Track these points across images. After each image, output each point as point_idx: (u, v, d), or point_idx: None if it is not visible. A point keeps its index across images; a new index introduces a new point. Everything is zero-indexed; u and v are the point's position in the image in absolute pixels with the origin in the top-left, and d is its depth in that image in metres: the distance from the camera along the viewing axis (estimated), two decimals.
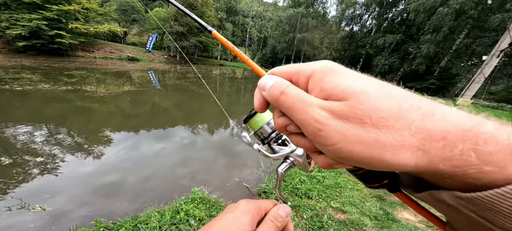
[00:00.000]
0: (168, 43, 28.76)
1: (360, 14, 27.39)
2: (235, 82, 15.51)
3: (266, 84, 0.20)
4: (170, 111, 5.96)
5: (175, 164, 3.11)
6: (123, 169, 2.82)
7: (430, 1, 18.93)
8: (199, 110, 6.49)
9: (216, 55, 38.28)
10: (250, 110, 0.30)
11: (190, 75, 15.13)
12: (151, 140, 3.81)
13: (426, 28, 19.53)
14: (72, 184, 2.39)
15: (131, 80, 10.20)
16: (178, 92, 8.71)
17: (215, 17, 28.73)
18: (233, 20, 36.02)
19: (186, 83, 11.11)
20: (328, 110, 0.16)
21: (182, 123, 4.86)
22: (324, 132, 0.15)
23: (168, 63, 24.75)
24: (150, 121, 4.89)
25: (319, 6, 30.35)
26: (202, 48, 28.45)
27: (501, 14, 14.94)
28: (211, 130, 4.76)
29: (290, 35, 30.62)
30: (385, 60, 23.68)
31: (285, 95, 0.18)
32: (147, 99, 7.01)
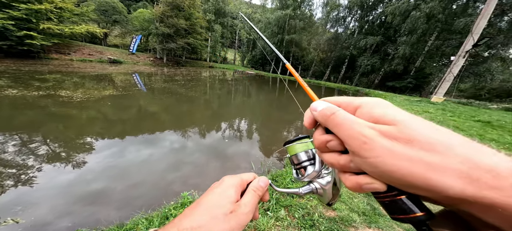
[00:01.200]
0: (154, 44, 27.70)
1: (343, 16, 28.62)
2: (225, 84, 15.37)
3: (318, 106, 0.23)
4: (158, 115, 5.74)
5: (165, 170, 3.01)
6: (108, 177, 2.67)
7: (404, 5, 20.45)
8: (189, 113, 6.33)
9: (205, 57, 37.65)
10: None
11: (179, 78, 14.71)
12: (138, 146, 3.64)
13: (402, 30, 21.04)
14: (51, 194, 2.23)
15: (114, 84, 9.65)
16: (166, 95, 8.42)
17: (203, 19, 28.28)
18: (222, 22, 35.76)
19: (174, 86, 10.78)
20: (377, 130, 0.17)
21: (171, 127, 4.70)
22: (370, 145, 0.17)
23: (154, 66, 23.81)
24: (137, 126, 4.67)
25: (305, 8, 31.22)
26: (190, 50, 27.83)
27: (465, 18, 16.57)
28: (202, 133, 4.67)
29: (279, 37, 31.10)
30: (368, 60, 25.01)
31: (336, 115, 0.20)
32: (132, 103, 6.68)
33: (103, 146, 3.50)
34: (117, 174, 2.76)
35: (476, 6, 17.85)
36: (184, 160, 3.38)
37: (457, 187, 0.13)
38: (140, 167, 2.98)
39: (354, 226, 1.62)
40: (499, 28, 17.13)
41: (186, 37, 25.52)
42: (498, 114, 9.09)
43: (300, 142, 0.33)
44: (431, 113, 7.58)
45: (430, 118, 6.57)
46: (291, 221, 1.70)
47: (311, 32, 31.97)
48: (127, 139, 3.88)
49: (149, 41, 29.58)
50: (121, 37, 29.96)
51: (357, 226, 1.61)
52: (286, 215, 1.80)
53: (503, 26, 17.03)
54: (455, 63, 12.14)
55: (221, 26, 35.26)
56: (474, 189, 0.13)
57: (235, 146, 4.16)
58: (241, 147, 4.15)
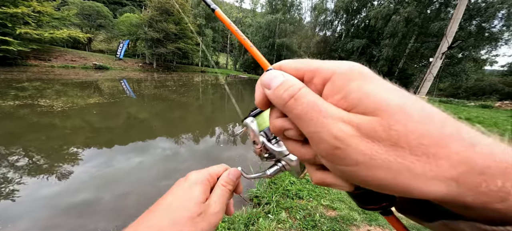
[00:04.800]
0: (142, 50, 26.97)
1: (331, 20, 29.83)
2: (218, 88, 15.25)
3: (272, 81, 0.17)
4: (149, 122, 5.55)
5: (157, 178, 2.90)
6: (97, 187, 2.54)
7: (385, 9, 21.81)
8: (181, 119, 6.18)
9: (196, 61, 37.25)
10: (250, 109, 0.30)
11: (170, 83, 14.37)
12: (128, 154, 3.49)
13: (384, 33, 22.31)
14: (35, 206, 2.09)
15: (100, 91, 9.22)
16: (157, 102, 8.18)
17: (193, 24, 28.08)
18: (213, 26, 35.74)
19: (165, 92, 10.51)
20: (354, 125, 0.13)
21: (163, 134, 4.55)
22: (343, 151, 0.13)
23: (143, 71, 23.12)
24: (126, 134, 4.47)
25: (295, 12, 32.13)
26: (181, 54, 27.42)
27: (439, 22, 17.94)
28: (196, 139, 4.57)
29: (270, 40, 31.63)
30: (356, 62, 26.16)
31: (296, 101, 0.15)
32: (121, 110, 6.40)
33: (90, 156, 3.32)
34: (106, 184, 2.63)
35: (448, 11, 19.42)
36: (177, 167, 3.28)
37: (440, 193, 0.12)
38: (131, 176, 2.86)
39: (355, 224, 1.65)
40: (470, 31, 18.73)
41: (176, 41, 25.14)
42: (476, 111, 9.82)
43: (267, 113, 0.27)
44: None
45: None
46: (292, 222, 1.70)
47: (301, 35, 32.88)
48: (116, 148, 3.71)
49: (137, 46, 28.76)
50: (106, 42, 28.87)
51: (358, 225, 1.64)
52: (287, 217, 1.80)
53: (472, 29, 18.67)
54: (433, 64, 13.01)
55: (212, 30, 35.23)
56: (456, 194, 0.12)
57: (230, 151, 4.11)
58: (237, 151, 4.11)
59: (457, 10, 11.65)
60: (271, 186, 2.40)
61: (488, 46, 19.78)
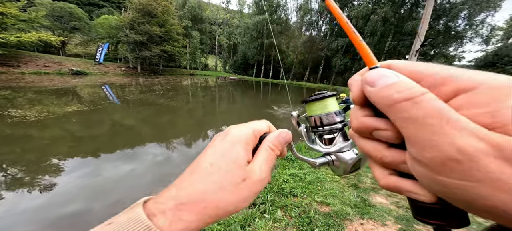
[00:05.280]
0: (125, 53, 25.67)
1: (316, 20, 30.76)
2: (208, 91, 15.01)
3: (379, 80, 0.15)
4: (137, 128, 5.32)
5: (152, 183, 2.82)
6: (87, 197, 2.45)
7: (364, 10, 23.14)
8: (171, 124, 6.01)
9: (184, 64, 36.26)
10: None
11: (157, 87, 13.86)
12: (116, 163, 3.35)
13: (365, 32, 23.56)
14: (17, 221, 1.99)
15: (80, 98, 8.63)
16: (144, 107, 7.85)
17: (179, 26, 27.31)
18: (200, 28, 35.08)
19: (152, 97, 10.12)
20: (494, 145, 0.11)
21: (153, 140, 4.40)
22: (463, 166, 0.11)
23: (127, 76, 22.02)
24: (112, 142, 4.25)
25: (281, 13, 32.64)
26: (168, 57, 26.51)
27: (411, 21, 19.37)
28: (188, 144, 4.48)
29: (258, 41, 31.80)
30: (340, 60, 27.22)
31: (416, 104, 0.13)
32: (105, 118, 6.06)
33: (74, 166, 3.15)
34: (96, 193, 2.53)
35: (418, 11, 21.04)
36: (171, 172, 3.20)
37: None
38: (122, 184, 2.77)
39: (348, 219, 1.72)
40: (438, 30, 20.51)
41: (161, 44, 24.25)
42: None
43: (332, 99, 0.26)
44: None
45: None
46: (288, 221, 1.74)
47: (288, 35, 33.48)
48: (102, 157, 3.53)
49: (118, 49, 27.30)
50: (83, 45, 27.02)
51: (351, 219, 1.71)
52: (283, 216, 1.84)
53: (441, 28, 20.46)
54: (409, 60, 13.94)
55: (200, 32, 34.58)
56: None
57: None
58: None
59: (426, 10, 12.67)
60: (267, 185, 2.45)
61: (455, 43, 21.82)
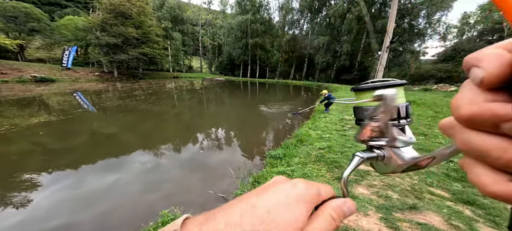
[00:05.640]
0: (97, 57, 23.68)
1: (297, 19, 31.73)
2: (195, 93, 14.55)
3: None
4: (120, 137, 4.95)
5: (143, 191, 2.67)
6: (70, 209, 2.28)
7: (341, 9, 24.48)
8: (157, 129, 5.71)
9: (167, 67, 34.64)
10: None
11: (138, 93, 13.02)
12: (100, 173, 3.12)
13: (342, 31, 24.99)
14: None
15: (48, 108, 7.75)
16: (125, 114, 7.34)
17: (158, 27, 26.00)
18: (181, 29, 33.84)
19: (133, 102, 9.49)
20: None
21: (138, 148, 4.14)
22: None
23: (102, 81, 20.33)
24: (92, 152, 3.92)
25: (264, 12, 32.98)
26: (148, 60, 25.06)
27: (381, 20, 21.14)
28: (177, 149, 4.31)
29: (243, 41, 31.73)
30: (322, 58, 28.47)
31: None
32: (80, 127, 5.54)
33: (52, 179, 2.88)
34: (83, 205, 2.36)
35: (386, 10, 23.02)
36: (159, 178, 3.05)
37: None
38: (110, 194, 2.60)
39: None
40: (404, 28, 22.65)
41: (139, 47, 22.82)
42: (419, 94, 11.93)
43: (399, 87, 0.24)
44: None
45: None
46: None
47: (272, 34, 33.99)
48: (83, 168, 3.26)
49: (89, 53, 25.04)
50: (46, 49, 24.17)
51: None
52: None
53: (406, 26, 22.63)
54: (382, 57, 15.25)
55: (181, 33, 33.35)
56: None
57: (215, 156, 4.02)
58: (223, 155, 4.04)
59: (391, 9, 13.95)
60: (254, 185, 2.42)
61: (419, 40, 24.34)
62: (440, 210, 1.72)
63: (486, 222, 1.60)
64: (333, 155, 2.89)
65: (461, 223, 1.60)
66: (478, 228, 1.56)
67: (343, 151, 3.03)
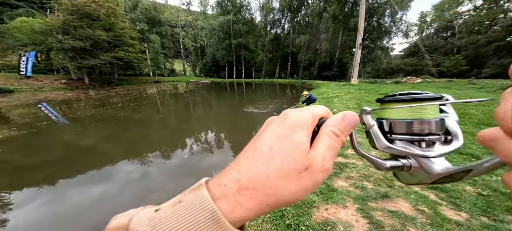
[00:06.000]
0: (62, 62, 21.45)
1: (279, 18, 32.33)
2: (180, 98, 14.01)
3: None
4: (99, 147, 4.62)
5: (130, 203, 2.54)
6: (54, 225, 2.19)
7: (317, 8, 25.63)
8: (140, 137, 5.43)
9: (146, 71, 32.67)
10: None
11: (116, 100, 12.13)
12: (83, 187, 2.96)
13: (321, 29, 26.19)
14: None
15: (8, 121, 6.87)
16: (103, 123, 6.82)
17: (132, 29, 24.37)
18: (159, 31, 32.19)
19: (111, 111, 8.83)
20: None
21: (122, 157, 3.94)
22: None
23: (71, 90, 18.51)
24: (70, 165, 3.67)
25: (245, 12, 32.93)
26: (124, 65, 23.36)
27: (354, 19, 22.67)
28: (165, 155, 4.17)
29: (226, 42, 31.32)
30: (304, 56, 29.52)
31: None
32: (51, 141, 5.05)
33: (27, 197, 2.69)
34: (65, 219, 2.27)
35: (357, 9, 24.76)
36: (150, 187, 2.95)
37: None
38: (97, 206, 2.51)
39: (315, 206, 1.85)
40: (373, 26, 24.56)
41: (112, 50, 21.13)
42: (391, 87, 13.07)
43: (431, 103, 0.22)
44: (352, 92, 9.96)
45: (353, 96, 8.63)
46: (263, 217, 1.77)
47: (255, 34, 34.12)
48: (62, 182, 3.07)
49: (52, 58, 22.50)
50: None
51: (318, 206, 1.85)
52: None
53: (375, 25, 24.56)
54: (356, 54, 16.35)
55: (160, 35, 31.73)
56: None
57: (206, 160, 3.99)
58: (208, 160, 4.03)
59: (361, 8, 15.12)
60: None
61: (386, 37, 26.62)
62: (408, 196, 1.89)
63: (449, 205, 1.77)
64: None
65: (427, 208, 1.72)
66: (442, 210, 1.69)
67: None
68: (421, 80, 18.96)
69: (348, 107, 6.25)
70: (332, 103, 7.31)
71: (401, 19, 24.84)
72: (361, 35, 15.13)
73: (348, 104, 6.87)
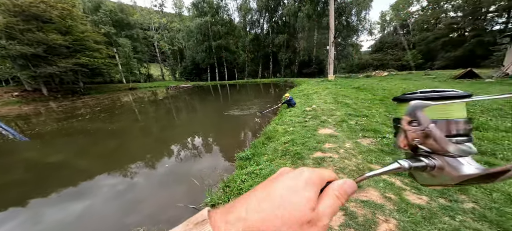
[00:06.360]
0: (11, 72, 18.67)
1: (257, 19, 32.63)
2: (160, 104, 13.20)
3: None
4: (72, 163, 4.15)
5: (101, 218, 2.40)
6: None
7: (292, 8, 26.60)
8: (118, 149, 5.02)
9: (118, 77, 29.99)
10: None
11: (85, 111, 10.94)
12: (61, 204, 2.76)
13: (297, 28, 27.26)
14: None
15: None
16: (72, 138, 6.13)
17: (96, 32, 22.13)
18: (130, 34, 29.85)
19: (79, 123, 7.95)
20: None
21: (101, 171, 3.61)
22: None
23: (27, 103, 16.10)
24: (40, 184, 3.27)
25: (223, 13, 32.45)
26: (89, 72, 21.09)
27: (326, 18, 24.16)
28: (150, 164, 3.93)
29: (205, 44, 30.48)
30: (285, 55, 30.39)
31: None
32: (11, 160, 4.40)
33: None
34: None
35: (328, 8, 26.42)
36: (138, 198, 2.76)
37: None
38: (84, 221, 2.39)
39: None
40: (343, 25, 26.48)
41: (73, 56, 18.88)
42: (363, 80, 14.24)
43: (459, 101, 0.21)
44: (330, 88, 10.60)
45: (330, 91, 9.20)
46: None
47: (235, 35, 33.88)
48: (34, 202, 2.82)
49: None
50: None
51: None
52: None
53: (344, 23, 26.49)
54: (330, 51, 17.45)
55: (130, 39, 29.45)
56: None
57: (196, 165, 3.87)
58: (204, 164, 3.92)
59: (330, 7, 16.23)
60: (225, 190, 2.40)
61: (355, 35, 28.91)
62: (377, 184, 2.01)
63: (412, 190, 1.88)
64: (296, 148, 3.07)
65: (393, 194, 1.83)
66: (406, 196, 1.81)
67: (304, 142, 3.23)
68: (387, 73, 21.09)
69: (325, 102, 6.62)
70: (311, 99, 7.67)
71: (365, 18, 27.15)
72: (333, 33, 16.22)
73: (325, 99, 7.29)
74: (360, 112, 4.97)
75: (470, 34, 27.93)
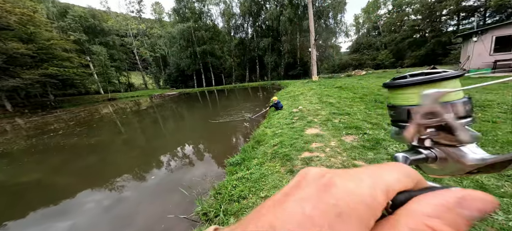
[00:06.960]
0: None
1: (241, 23, 33.02)
2: (145, 114, 12.53)
3: None
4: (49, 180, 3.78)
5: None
6: None
7: (275, 12, 27.55)
8: (100, 163, 4.69)
9: (94, 88, 27.95)
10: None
11: (58, 126, 10.01)
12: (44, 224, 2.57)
13: (280, 32, 28.21)
14: None
15: None
16: (46, 154, 5.57)
17: (64, 40, 20.52)
18: (105, 41, 28.17)
19: (53, 139, 7.25)
20: None
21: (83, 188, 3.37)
22: None
23: None
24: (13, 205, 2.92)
25: (206, 19, 32.27)
26: (60, 83, 19.37)
27: (306, 21, 25.37)
28: (138, 177, 3.74)
29: (190, 50, 29.90)
30: (271, 58, 31.04)
31: None
32: None
33: None
34: None
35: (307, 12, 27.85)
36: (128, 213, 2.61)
37: None
38: None
39: None
40: (322, 27, 28.06)
41: (39, 66, 17.25)
42: (345, 80, 15.13)
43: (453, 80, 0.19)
44: (314, 88, 11.09)
45: (315, 92, 9.62)
46: None
47: (219, 40, 33.79)
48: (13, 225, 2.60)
49: None
50: None
51: None
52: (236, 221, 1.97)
53: (323, 26, 28.07)
54: (312, 52, 18.35)
55: (106, 46, 27.79)
56: None
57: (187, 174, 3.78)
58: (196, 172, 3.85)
59: (309, 11, 17.20)
60: (216, 197, 2.38)
61: (333, 37, 30.75)
62: None
63: None
64: (284, 149, 3.16)
65: None
66: None
67: (292, 144, 3.33)
68: (365, 72, 22.71)
69: (311, 103, 6.90)
70: (298, 100, 7.95)
71: (341, 21, 29.06)
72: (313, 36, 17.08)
73: (311, 99, 7.60)
74: (343, 110, 5.28)
75: (430, 35, 31.52)
